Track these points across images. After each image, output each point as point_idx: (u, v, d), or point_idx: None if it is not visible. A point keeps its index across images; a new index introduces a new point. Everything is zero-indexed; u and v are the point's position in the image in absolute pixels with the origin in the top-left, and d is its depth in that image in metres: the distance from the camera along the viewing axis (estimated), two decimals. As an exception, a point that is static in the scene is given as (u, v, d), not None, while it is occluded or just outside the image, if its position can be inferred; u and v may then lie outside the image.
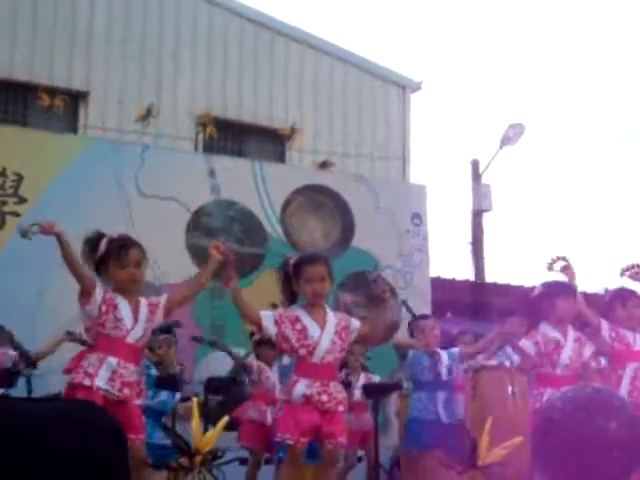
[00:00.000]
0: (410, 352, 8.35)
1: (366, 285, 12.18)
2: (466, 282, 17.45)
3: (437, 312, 12.11)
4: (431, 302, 12.66)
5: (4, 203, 10.42)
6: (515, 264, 37.38)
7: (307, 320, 6.09)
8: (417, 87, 17.48)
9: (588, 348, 7.29)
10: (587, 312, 7.34)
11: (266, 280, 9.90)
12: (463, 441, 7.70)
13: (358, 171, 15.12)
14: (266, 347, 8.36)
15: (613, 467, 2.50)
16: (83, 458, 2.45)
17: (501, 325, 7.64)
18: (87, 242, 5.82)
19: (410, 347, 8.28)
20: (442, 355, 8.21)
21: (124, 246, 5.78)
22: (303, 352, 6.02)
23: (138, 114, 13.56)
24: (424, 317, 9.01)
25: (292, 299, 6.22)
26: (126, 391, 5.57)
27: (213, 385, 8.77)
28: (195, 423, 6.56)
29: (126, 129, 13.96)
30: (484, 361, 8.92)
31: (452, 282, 16.67)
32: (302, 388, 5.94)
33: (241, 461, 8.26)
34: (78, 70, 14.60)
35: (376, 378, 9.31)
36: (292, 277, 6.14)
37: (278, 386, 7.84)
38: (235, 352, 9.00)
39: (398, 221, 12.67)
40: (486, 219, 18.48)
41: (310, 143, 15.84)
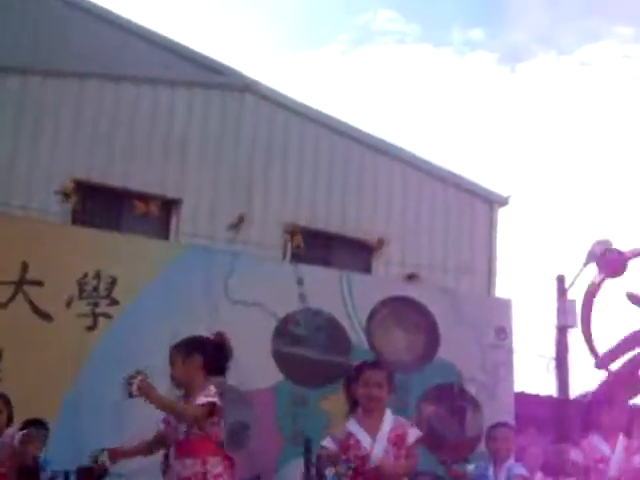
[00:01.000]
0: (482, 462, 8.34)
1: (449, 397, 12.20)
2: (550, 398, 17.25)
3: (520, 427, 12.01)
4: (515, 417, 12.52)
5: (97, 305, 10.62)
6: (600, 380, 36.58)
7: (358, 431, 6.14)
8: (504, 202, 17.56)
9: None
10: None
11: (349, 389, 9.91)
12: None
13: (444, 284, 15.18)
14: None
15: None
16: None
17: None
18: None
19: None
20: (504, 470, 8.15)
21: None
22: (357, 462, 6.06)
23: (230, 222, 13.84)
24: (500, 425, 8.96)
25: (354, 405, 6.31)
26: None
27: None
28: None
29: (217, 236, 14.25)
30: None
31: (536, 397, 16.49)
32: None
33: None
34: (171, 178, 14.99)
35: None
36: (352, 382, 6.24)
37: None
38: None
39: (482, 335, 12.61)
40: (571, 335, 18.31)
41: (397, 255, 15.97)
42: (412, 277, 15.23)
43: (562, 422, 14.91)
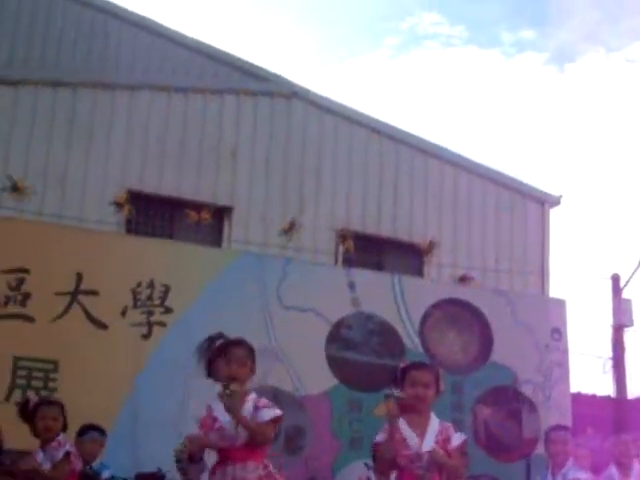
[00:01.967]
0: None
1: (505, 400, 12.15)
2: (607, 398, 17.13)
3: (577, 428, 11.93)
4: (571, 418, 12.45)
5: (151, 313, 10.69)
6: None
7: (406, 430, 6.16)
8: (556, 202, 17.47)
9: None
10: None
11: (404, 393, 9.91)
12: None
13: (497, 285, 15.12)
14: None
15: None
16: None
17: None
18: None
19: None
20: (560, 476, 8.14)
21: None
22: (403, 462, 6.08)
23: (281, 228, 13.90)
24: (557, 428, 8.91)
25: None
26: None
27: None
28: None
29: (269, 242, 14.32)
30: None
31: (593, 398, 16.39)
32: None
33: None
34: (223, 186, 15.08)
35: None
36: (399, 383, 6.27)
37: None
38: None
39: (537, 335, 12.54)
40: (627, 335, 18.18)
41: (448, 258, 15.94)
42: (464, 279, 15.19)
43: (619, 422, 14.80)
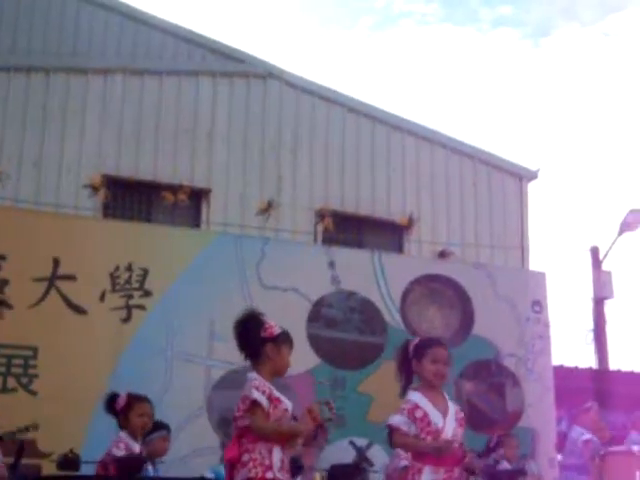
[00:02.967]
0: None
1: (487, 373, 12.17)
2: (589, 370, 17.18)
3: (558, 401, 11.97)
4: (554, 390, 12.48)
5: (130, 297, 10.64)
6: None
7: (428, 406, 6.10)
8: (534, 176, 17.46)
9: None
10: None
11: (386, 369, 9.91)
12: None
13: (477, 261, 15.12)
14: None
15: None
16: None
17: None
18: None
19: None
20: None
21: None
22: (429, 440, 6.02)
23: (259, 208, 13.86)
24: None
25: (408, 380, 6.28)
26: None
27: (336, 472, 8.79)
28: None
29: (248, 223, 14.27)
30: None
31: (575, 370, 16.42)
32: (428, 477, 5.91)
33: None
34: (200, 168, 15.00)
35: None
36: (412, 358, 6.21)
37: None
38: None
39: (518, 309, 12.56)
40: (608, 306, 18.24)
41: (428, 234, 15.94)
42: (444, 254, 15.20)
43: (602, 394, 14.82)
